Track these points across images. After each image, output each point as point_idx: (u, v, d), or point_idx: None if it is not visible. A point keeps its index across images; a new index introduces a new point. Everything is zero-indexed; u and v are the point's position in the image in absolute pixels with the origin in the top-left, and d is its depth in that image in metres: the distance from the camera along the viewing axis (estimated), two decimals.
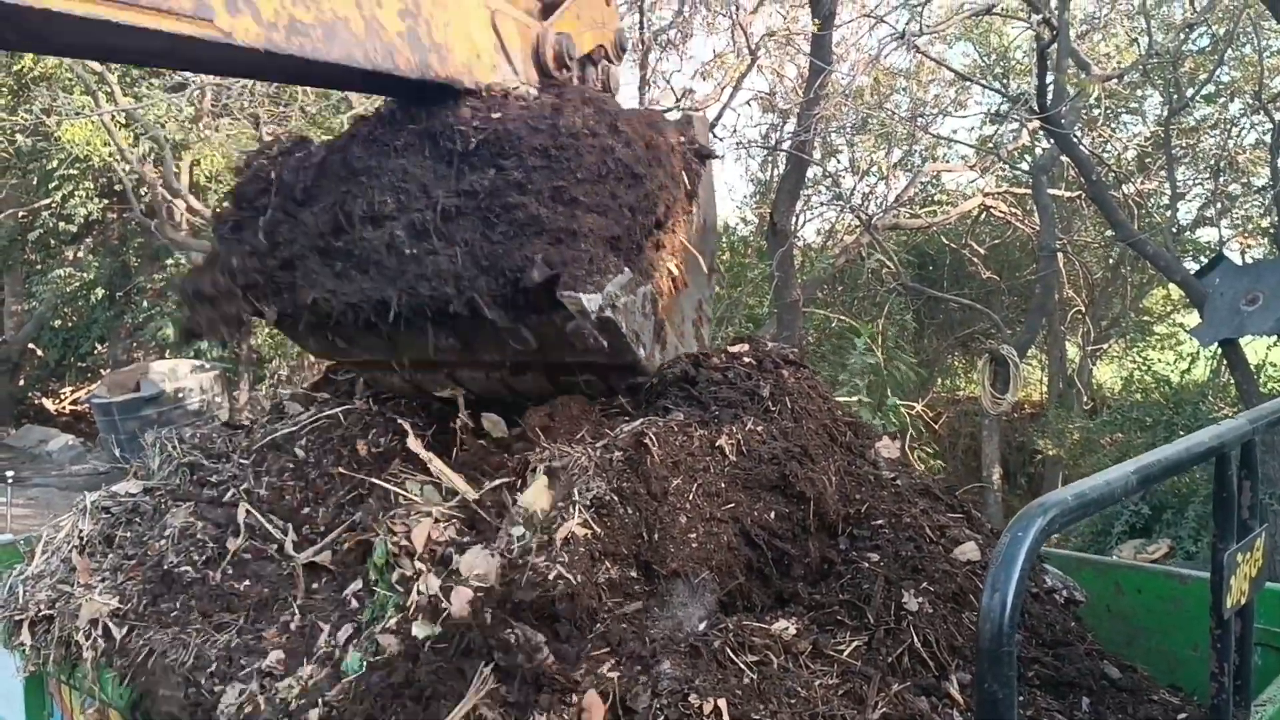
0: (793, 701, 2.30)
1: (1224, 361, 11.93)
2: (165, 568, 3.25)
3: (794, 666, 2.43)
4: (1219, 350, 11.47)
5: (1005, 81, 15.87)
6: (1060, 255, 15.01)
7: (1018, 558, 1.57)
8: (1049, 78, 10.76)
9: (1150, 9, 14.38)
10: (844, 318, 15.07)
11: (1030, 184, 14.54)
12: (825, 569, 2.83)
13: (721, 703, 2.22)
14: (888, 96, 17.06)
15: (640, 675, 2.30)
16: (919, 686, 2.47)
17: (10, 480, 13.57)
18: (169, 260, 19.78)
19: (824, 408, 3.20)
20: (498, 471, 2.91)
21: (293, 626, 2.92)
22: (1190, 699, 2.88)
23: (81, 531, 3.55)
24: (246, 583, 3.15)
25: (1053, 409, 16.08)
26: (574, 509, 2.54)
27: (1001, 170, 16.95)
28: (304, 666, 2.69)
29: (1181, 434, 2.34)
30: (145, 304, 20.84)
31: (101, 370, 23.00)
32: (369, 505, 3.06)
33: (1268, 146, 13.61)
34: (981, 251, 17.56)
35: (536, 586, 2.38)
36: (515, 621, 2.34)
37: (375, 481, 3.12)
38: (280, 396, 4.04)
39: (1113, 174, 15.00)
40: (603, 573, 2.48)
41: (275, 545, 3.25)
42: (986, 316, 16.12)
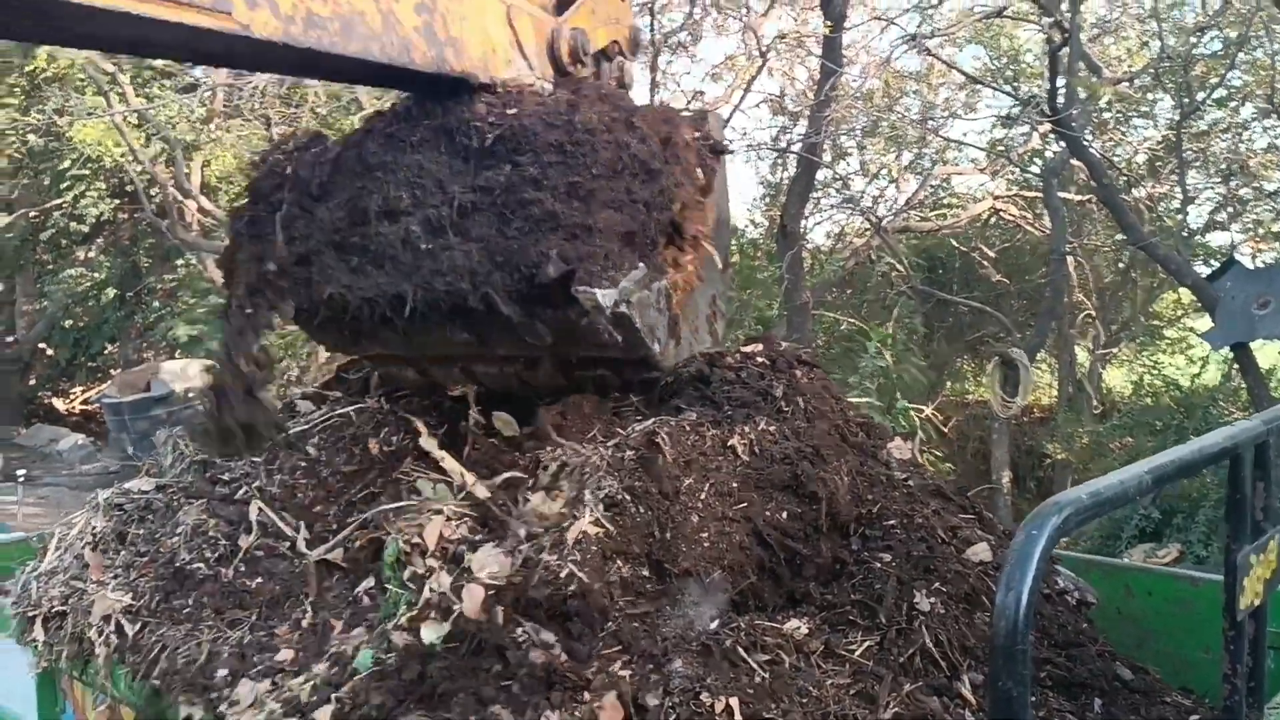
0: (804, 701, 2.30)
1: (1235, 366, 11.89)
2: (177, 565, 3.25)
3: (806, 666, 2.43)
4: (1230, 354, 11.44)
5: (1016, 84, 15.85)
6: (1070, 259, 15.00)
7: (1033, 555, 1.56)
8: (1060, 81, 10.76)
9: (1162, 12, 14.36)
10: (854, 320, 15.05)
11: (1041, 187, 14.53)
12: (837, 569, 2.82)
13: (733, 701, 2.21)
14: (898, 99, 17.03)
15: (652, 674, 2.29)
16: (931, 686, 2.46)
17: (22, 479, 13.64)
18: (180, 261, 19.87)
19: (836, 408, 3.20)
20: (509, 470, 2.91)
21: (305, 624, 2.92)
22: (1202, 701, 2.87)
23: (94, 528, 3.55)
24: (259, 580, 3.15)
25: (1062, 413, 16.05)
26: (586, 508, 2.54)
27: (1012, 173, 16.94)
28: (316, 664, 2.69)
29: (1192, 439, 2.34)
30: (156, 304, 20.94)
31: (112, 370, 23.12)
32: (381, 503, 3.07)
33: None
34: (991, 255, 17.54)
35: (548, 585, 2.38)
36: (527, 620, 2.35)
37: (396, 475, 3.12)
38: (291, 396, 4.04)
39: (1124, 177, 14.98)
40: (615, 571, 2.48)
41: (287, 543, 3.24)
42: (996, 320, 16.12)
